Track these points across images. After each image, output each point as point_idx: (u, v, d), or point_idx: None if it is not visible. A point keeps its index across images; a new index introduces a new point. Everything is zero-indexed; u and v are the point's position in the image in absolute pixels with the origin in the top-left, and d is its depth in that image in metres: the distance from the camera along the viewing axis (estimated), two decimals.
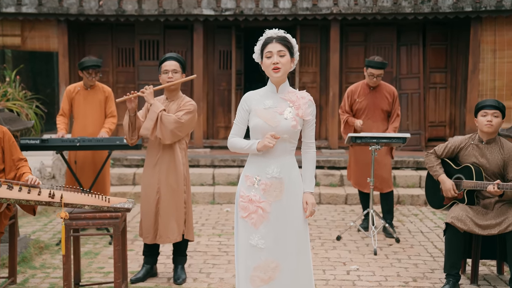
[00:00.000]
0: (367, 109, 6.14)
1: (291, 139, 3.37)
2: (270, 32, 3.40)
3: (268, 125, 3.33)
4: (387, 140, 5.66)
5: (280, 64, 3.32)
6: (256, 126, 3.36)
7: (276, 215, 3.35)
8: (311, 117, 3.40)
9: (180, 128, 4.52)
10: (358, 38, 9.64)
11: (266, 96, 3.42)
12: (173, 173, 4.62)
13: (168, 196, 4.62)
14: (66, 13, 8.78)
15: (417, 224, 6.63)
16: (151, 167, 4.66)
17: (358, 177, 6.25)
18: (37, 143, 5.65)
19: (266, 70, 3.38)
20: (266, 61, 3.35)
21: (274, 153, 3.36)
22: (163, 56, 4.68)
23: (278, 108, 3.35)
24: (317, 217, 6.98)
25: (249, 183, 3.40)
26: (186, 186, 4.71)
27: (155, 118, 4.45)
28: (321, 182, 8.14)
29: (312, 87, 9.68)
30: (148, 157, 4.71)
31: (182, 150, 4.70)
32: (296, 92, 3.44)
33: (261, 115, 3.35)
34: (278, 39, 3.34)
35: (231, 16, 8.89)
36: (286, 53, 3.34)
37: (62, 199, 4.03)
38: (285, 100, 3.39)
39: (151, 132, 4.47)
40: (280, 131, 3.32)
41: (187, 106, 4.61)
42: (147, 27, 9.45)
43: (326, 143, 9.45)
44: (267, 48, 3.35)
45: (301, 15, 8.90)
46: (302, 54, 9.53)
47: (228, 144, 3.48)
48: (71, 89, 6.23)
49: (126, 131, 4.54)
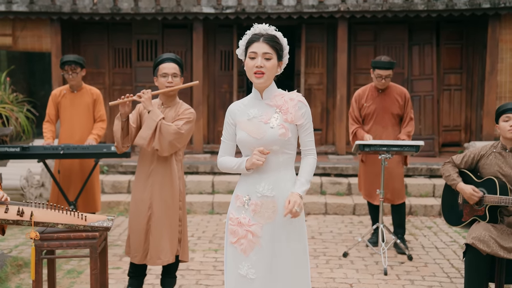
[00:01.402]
0: (376, 114, 5.65)
1: (283, 150, 2.89)
2: (258, 27, 2.93)
3: (253, 137, 2.88)
4: (398, 148, 5.16)
5: (264, 68, 2.86)
6: (241, 140, 2.93)
7: (268, 239, 2.89)
8: (304, 120, 2.91)
9: (179, 139, 4.08)
10: (367, 37, 9.13)
11: (250, 104, 2.97)
12: (168, 187, 4.16)
13: (161, 212, 4.16)
14: (59, 11, 8.35)
15: (431, 238, 6.12)
16: (143, 180, 4.20)
17: (368, 188, 5.76)
18: (17, 151, 5.22)
19: (248, 73, 2.92)
20: (249, 62, 2.89)
21: (266, 168, 2.90)
22: (160, 57, 4.21)
23: (263, 117, 2.90)
24: (322, 229, 6.49)
25: (239, 204, 2.96)
26: (181, 202, 4.25)
27: (153, 127, 3.99)
28: (327, 191, 7.65)
29: (318, 89, 9.19)
30: (139, 168, 4.24)
31: (178, 162, 4.25)
32: (284, 94, 2.96)
33: (245, 127, 2.91)
34: (266, 39, 2.87)
35: (233, 15, 8.42)
36: (273, 56, 2.88)
37: (32, 217, 3.59)
38: (271, 106, 2.93)
39: (148, 142, 4.02)
40: (267, 143, 2.86)
41: (187, 115, 4.16)
42: (144, 26, 9.00)
43: (333, 148, 8.95)
44: (252, 47, 2.88)
45: (307, 13, 8.41)
46: (308, 55, 9.06)
47: (218, 166, 3.07)
48: (56, 92, 5.79)
49: (117, 138, 4.07)
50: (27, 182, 6.65)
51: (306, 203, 7.21)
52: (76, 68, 5.61)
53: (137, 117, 4.17)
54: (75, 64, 5.60)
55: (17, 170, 6.71)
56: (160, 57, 4.19)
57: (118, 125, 4.03)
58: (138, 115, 4.17)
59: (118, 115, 4.03)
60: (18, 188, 6.51)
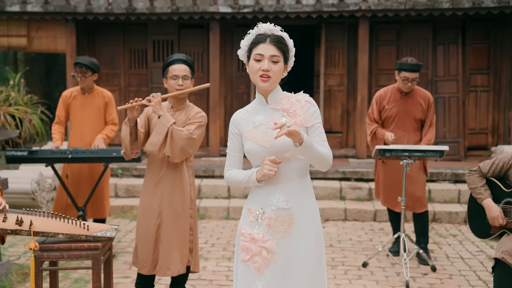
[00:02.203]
0: (398, 118, 5.38)
1: (296, 156, 2.66)
2: (264, 27, 2.69)
3: (261, 146, 2.65)
4: (422, 153, 4.87)
5: (271, 72, 2.64)
6: (249, 150, 2.70)
7: (284, 256, 2.66)
8: (315, 120, 2.69)
9: (191, 145, 3.87)
10: (389, 37, 8.82)
11: (255, 111, 2.75)
12: (178, 194, 3.96)
13: (171, 221, 3.95)
14: (74, 11, 8.22)
15: (457, 247, 5.81)
16: (152, 187, 4.00)
17: (387, 195, 5.49)
18: (24, 155, 5.07)
19: (253, 76, 2.68)
20: (254, 65, 2.65)
21: (279, 178, 2.66)
22: (170, 57, 4.00)
23: (271, 123, 2.66)
24: (341, 237, 6.22)
25: (251, 218, 2.72)
26: (192, 210, 4.04)
27: (164, 132, 3.79)
28: (347, 196, 7.37)
29: (338, 91, 8.91)
30: (148, 174, 4.04)
31: (189, 168, 4.04)
32: (290, 96, 2.74)
33: (252, 136, 2.68)
34: (273, 40, 2.65)
35: (250, 14, 8.19)
36: (281, 59, 2.66)
37: (31, 226, 3.41)
38: (277, 110, 2.71)
39: (159, 148, 3.81)
40: (278, 151, 2.62)
41: (198, 119, 3.94)
42: (160, 27, 8.83)
43: (354, 151, 8.67)
44: (258, 49, 2.65)
45: (326, 12, 8.14)
46: (328, 55, 8.79)
47: (226, 180, 2.84)
48: (67, 94, 5.63)
49: (125, 144, 3.86)
50: (38, 186, 6.52)
51: (324, 208, 6.95)
52: (86, 72, 5.43)
53: (145, 121, 3.97)
54: (86, 67, 5.42)
55: (29, 173, 6.59)
56: (170, 57, 3.98)
57: (126, 130, 3.83)
58: (146, 119, 3.98)
59: (125, 120, 3.84)
60: (29, 192, 6.38)
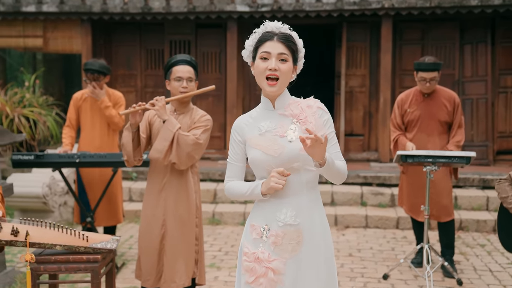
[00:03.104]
0: (421, 121, 5.08)
1: (306, 167, 2.41)
2: (270, 25, 2.46)
3: (268, 155, 2.40)
4: (446, 159, 4.56)
5: (279, 72, 2.39)
6: (254, 160, 2.44)
7: (292, 277, 2.41)
8: (327, 129, 2.44)
9: (198, 150, 3.67)
10: (414, 36, 8.48)
11: (260, 116, 2.50)
12: (183, 202, 3.75)
13: (176, 230, 3.75)
14: (89, 11, 8.09)
15: (485, 259, 5.48)
16: (155, 194, 3.79)
17: (411, 203, 5.19)
18: (31, 159, 4.90)
19: (258, 77, 2.44)
20: (260, 65, 2.41)
21: (287, 191, 2.41)
22: (173, 58, 3.79)
23: (278, 129, 2.42)
24: (362, 245, 5.93)
25: (255, 235, 2.46)
26: (198, 219, 3.83)
27: (170, 138, 3.58)
28: (368, 202, 7.07)
29: (360, 92, 8.61)
30: (151, 181, 3.84)
31: (195, 175, 3.84)
32: (300, 101, 2.49)
33: (258, 144, 2.43)
34: (281, 37, 2.41)
35: (268, 13, 7.94)
36: (289, 58, 2.42)
37: (27, 237, 3.22)
38: (286, 116, 2.46)
39: (165, 155, 3.61)
40: (286, 161, 2.38)
41: (203, 122, 3.73)
42: (177, 26, 8.64)
43: (376, 155, 8.35)
44: (264, 47, 2.41)
45: (348, 10, 7.86)
46: (349, 55, 8.50)
47: (226, 192, 2.58)
48: (78, 96, 5.46)
49: (127, 151, 3.65)
50: (49, 190, 6.37)
51: (344, 215, 6.67)
52: (98, 77, 5.24)
53: (146, 126, 3.76)
54: (98, 73, 5.22)
55: (41, 176, 6.44)
56: (173, 58, 3.77)
57: (128, 136, 3.62)
58: (147, 124, 3.77)
59: (127, 126, 3.64)
60: (40, 196, 6.23)
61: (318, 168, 2.31)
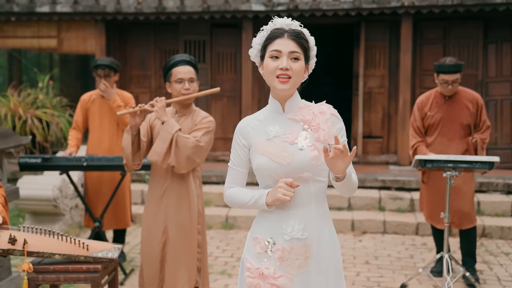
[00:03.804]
0: (442, 124, 4.86)
1: (316, 177, 2.24)
2: (279, 22, 2.29)
3: (277, 163, 2.22)
4: (467, 164, 4.34)
5: (291, 71, 2.22)
6: (261, 167, 2.26)
7: None
8: (340, 138, 2.26)
9: (199, 153, 3.52)
10: (435, 35, 8.22)
11: (268, 120, 2.31)
12: (185, 208, 3.61)
13: (178, 237, 3.61)
14: (103, 11, 8.00)
15: (510, 268, 5.24)
16: (156, 200, 3.66)
17: (430, 209, 4.97)
18: (38, 162, 4.80)
19: (268, 77, 2.27)
20: (269, 64, 2.24)
21: (294, 202, 2.24)
22: (172, 59, 3.64)
23: (288, 135, 2.25)
24: (379, 252, 5.72)
25: (259, 249, 2.29)
26: (201, 225, 3.68)
27: (169, 140, 3.45)
28: (387, 207, 6.84)
29: (379, 93, 8.38)
30: (152, 186, 3.71)
31: (196, 179, 3.68)
32: (311, 106, 2.32)
33: (265, 150, 2.25)
34: (292, 34, 2.24)
35: (284, 12, 7.76)
36: (301, 56, 2.25)
37: (25, 245, 3.09)
38: (296, 121, 2.28)
39: (163, 158, 3.47)
40: (296, 170, 2.21)
41: (205, 124, 3.59)
42: (192, 26, 8.50)
43: (395, 158, 8.11)
44: (274, 45, 2.24)
45: (366, 9, 7.63)
46: (368, 55, 8.27)
47: (226, 200, 2.40)
48: (85, 97, 5.35)
49: (126, 154, 3.54)
50: (60, 193, 6.27)
51: (361, 220, 6.46)
52: (110, 73, 5.14)
53: (147, 129, 3.62)
54: (109, 68, 5.13)
55: (52, 179, 6.34)
56: (173, 59, 3.61)
57: (128, 139, 3.49)
58: (148, 127, 3.63)
59: (127, 128, 3.50)
60: (51, 199, 6.14)
61: (335, 181, 2.16)
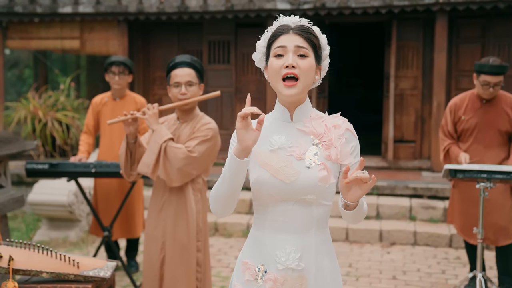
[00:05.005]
0: (477, 130, 4.45)
1: (320, 201, 1.92)
2: (286, 19, 1.98)
3: (278, 180, 1.90)
4: (504, 175, 3.92)
5: (298, 70, 1.89)
6: (259, 182, 1.93)
7: None
8: (354, 158, 1.94)
9: (193, 165, 3.23)
10: (473, 33, 7.73)
11: (274, 128, 1.99)
12: (182, 224, 3.34)
13: (175, 255, 3.34)
14: (125, 12, 7.81)
15: None
16: (155, 213, 3.42)
17: (463, 223, 4.57)
18: (45, 168, 4.60)
19: (273, 79, 1.94)
20: (273, 63, 1.92)
21: (292, 226, 1.93)
22: (172, 61, 3.37)
23: (295, 149, 1.93)
24: (408, 266, 5.33)
25: (248, 276, 1.98)
26: (201, 242, 3.39)
27: (157, 150, 3.17)
28: (418, 216, 6.42)
29: (412, 95, 7.94)
30: (152, 199, 3.47)
31: (197, 192, 3.38)
32: (325, 117, 1.99)
33: (266, 163, 1.93)
34: (299, 29, 1.92)
35: (311, 10, 7.42)
36: (310, 53, 1.91)
37: (10, 262, 2.87)
38: (306, 133, 1.95)
39: (152, 170, 3.21)
40: (299, 190, 1.89)
41: (203, 132, 3.29)
42: (216, 26, 8.24)
43: (428, 163, 7.67)
44: (279, 41, 1.93)
45: (398, 6, 7.22)
46: (399, 55, 7.85)
47: (211, 204, 2.00)
48: (97, 100, 5.14)
49: (122, 163, 3.31)
50: (76, 198, 6.10)
51: (390, 230, 6.06)
52: (124, 71, 4.92)
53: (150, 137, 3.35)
54: (123, 65, 4.91)
55: (68, 184, 6.18)
56: (172, 61, 3.34)
57: (123, 147, 3.25)
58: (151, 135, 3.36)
59: (125, 136, 3.26)
60: (66, 204, 5.97)
61: (344, 209, 1.84)
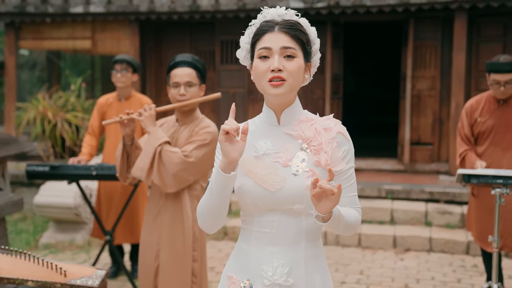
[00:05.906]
0: (494, 132, 4.24)
1: (309, 210, 1.75)
2: (271, 12, 1.81)
3: (263, 189, 1.75)
4: None
5: (285, 72, 1.73)
6: (243, 190, 1.78)
7: None
8: (346, 164, 1.78)
9: (189, 170, 3.07)
10: (494, 32, 7.47)
11: (260, 132, 1.84)
12: (178, 232, 3.19)
13: (170, 264, 3.19)
14: (136, 11, 7.73)
15: None
16: (151, 219, 3.28)
17: (479, 230, 4.34)
18: (45, 171, 4.50)
19: (259, 82, 1.78)
20: (258, 65, 1.77)
21: (280, 239, 1.78)
22: (172, 60, 3.22)
23: (281, 154, 1.78)
24: (422, 274, 5.12)
25: None
26: (197, 252, 3.22)
27: (151, 154, 3.03)
28: (434, 222, 6.19)
29: (429, 96, 7.70)
30: (149, 204, 3.33)
31: (194, 199, 3.22)
32: (315, 119, 1.83)
33: (250, 171, 1.78)
34: (285, 26, 1.75)
35: (325, 9, 7.24)
36: (298, 52, 1.76)
37: None
38: (294, 137, 1.80)
39: (146, 175, 3.07)
40: (285, 199, 1.74)
41: (202, 136, 3.13)
42: (228, 26, 8.10)
43: (446, 167, 7.41)
44: (263, 41, 1.77)
45: (414, 4, 7.00)
46: (416, 55, 7.62)
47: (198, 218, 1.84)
48: (102, 101, 5.04)
49: (117, 166, 3.18)
50: (82, 200, 6.01)
51: (405, 236, 5.84)
52: (127, 68, 4.80)
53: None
54: (126, 63, 4.80)
55: (74, 186, 6.09)
56: (172, 60, 3.19)
57: (119, 149, 3.12)
58: None
59: (121, 138, 3.13)
60: (72, 207, 5.88)
61: (318, 221, 1.66)
